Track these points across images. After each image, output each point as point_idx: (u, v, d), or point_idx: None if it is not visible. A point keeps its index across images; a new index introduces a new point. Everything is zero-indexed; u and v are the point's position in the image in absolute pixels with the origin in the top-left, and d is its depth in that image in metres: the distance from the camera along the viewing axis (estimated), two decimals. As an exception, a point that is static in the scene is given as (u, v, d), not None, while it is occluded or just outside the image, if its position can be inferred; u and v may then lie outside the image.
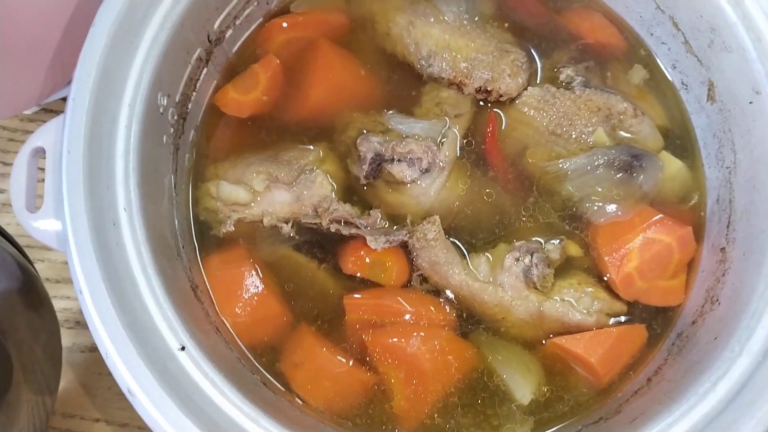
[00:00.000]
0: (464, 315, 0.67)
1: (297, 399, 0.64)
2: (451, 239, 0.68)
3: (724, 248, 0.66)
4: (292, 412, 0.62)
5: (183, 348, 0.54)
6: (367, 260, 0.67)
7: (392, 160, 0.67)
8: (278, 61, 0.72)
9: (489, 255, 0.68)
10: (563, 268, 0.68)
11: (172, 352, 0.54)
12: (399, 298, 0.66)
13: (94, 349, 0.79)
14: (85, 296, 0.52)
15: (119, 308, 0.52)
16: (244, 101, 0.72)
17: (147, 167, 0.60)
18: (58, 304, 0.68)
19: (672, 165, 0.71)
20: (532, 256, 0.66)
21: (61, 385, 0.71)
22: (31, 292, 0.65)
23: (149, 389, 0.51)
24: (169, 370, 0.53)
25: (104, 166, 0.57)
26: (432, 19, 0.72)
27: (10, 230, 0.67)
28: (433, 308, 0.67)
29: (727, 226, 0.67)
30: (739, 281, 0.61)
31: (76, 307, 0.80)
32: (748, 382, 0.54)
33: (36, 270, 0.68)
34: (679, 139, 0.73)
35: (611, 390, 0.66)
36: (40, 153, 0.59)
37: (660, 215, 0.67)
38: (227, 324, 0.65)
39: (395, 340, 0.64)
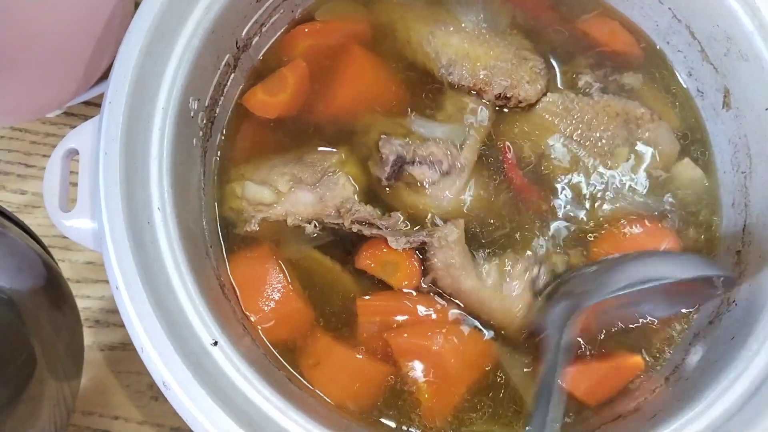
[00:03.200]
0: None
1: (320, 395, 0.65)
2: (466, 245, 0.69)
3: (739, 251, 0.67)
4: (318, 408, 0.63)
5: (215, 343, 0.55)
6: (382, 259, 0.68)
7: (413, 162, 0.68)
8: (306, 65, 0.74)
9: (498, 262, 0.68)
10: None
11: (205, 347, 0.55)
12: (411, 300, 0.67)
13: (113, 347, 0.79)
14: (122, 292, 0.53)
15: (154, 304, 0.54)
16: (271, 103, 0.73)
17: (178, 169, 0.61)
18: (78, 304, 0.69)
19: (692, 172, 0.72)
20: (539, 266, 0.67)
21: (81, 383, 0.72)
22: (55, 290, 0.66)
23: (184, 382, 0.52)
24: (203, 364, 0.54)
25: (139, 168, 0.58)
26: (451, 28, 0.74)
27: (34, 230, 0.68)
28: (442, 310, 0.67)
29: (743, 230, 0.68)
30: (755, 283, 0.62)
31: (96, 306, 0.81)
32: (767, 380, 0.55)
33: (60, 269, 0.69)
34: (695, 145, 0.74)
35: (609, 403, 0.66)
36: (73, 154, 0.61)
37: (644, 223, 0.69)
38: (252, 321, 0.66)
39: (417, 338, 0.65)
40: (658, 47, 0.77)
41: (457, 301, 0.68)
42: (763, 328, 0.57)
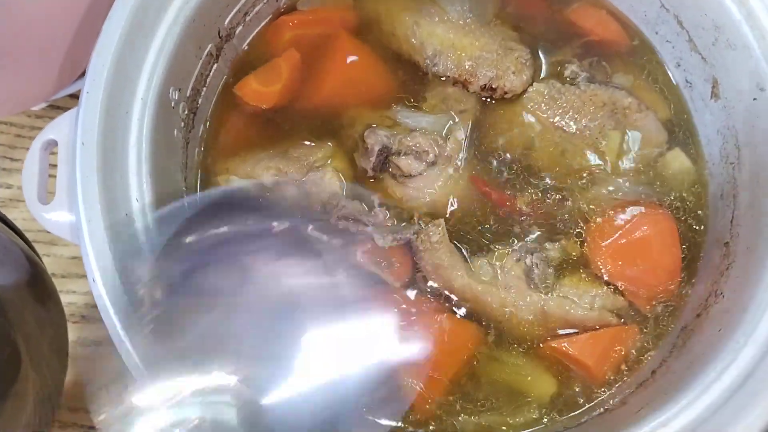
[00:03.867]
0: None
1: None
2: (454, 242, 0.68)
3: (727, 242, 0.67)
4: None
5: (196, 337, 0.54)
6: (372, 255, 0.67)
7: (399, 152, 0.68)
8: (299, 55, 0.73)
9: (490, 256, 0.68)
10: (564, 266, 0.69)
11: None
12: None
13: (99, 343, 0.79)
14: (99, 285, 0.52)
15: (132, 297, 0.53)
16: (265, 92, 0.72)
17: (158, 160, 0.60)
18: (63, 299, 0.68)
19: (682, 162, 0.72)
20: (532, 255, 0.67)
21: (66, 379, 0.71)
22: (39, 285, 0.65)
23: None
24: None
25: (117, 158, 0.57)
26: (436, 19, 0.73)
27: (17, 225, 0.68)
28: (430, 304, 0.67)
29: (731, 221, 0.67)
30: (743, 274, 0.62)
31: (82, 302, 0.80)
32: (754, 372, 0.54)
33: (43, 264, 0.68)
34: (683, 135, 0.74)
35: (609, 386, 0.66)
36: (52, 146, 0.60)
37: (641, 208, 0.69)
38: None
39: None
40: (646, 37, 0.77)
41: (452, 298, 0.67)
42: (750, 321, 0.57)
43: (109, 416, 0.50)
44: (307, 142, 0.71)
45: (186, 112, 0.67)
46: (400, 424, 0.64)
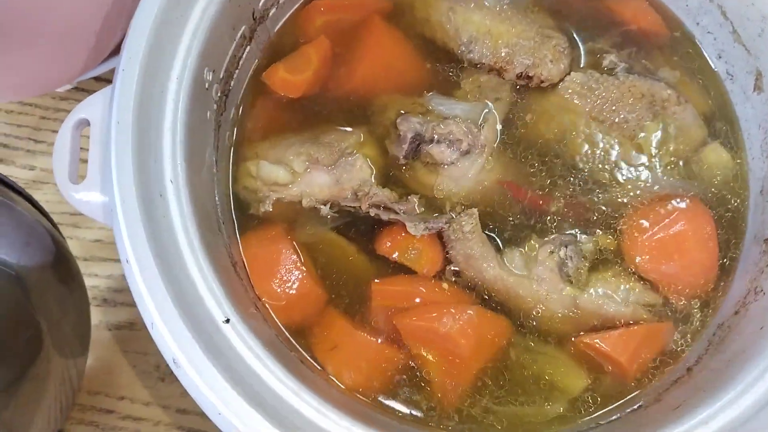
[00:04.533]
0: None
1: (333, 379, 0.64)
2: (486, 232, 0.67)
3: (767, 239, 0.66)
4: (330, 390, 0.62)
5: (227, 320, 0.54)
6: (403, 245, 0.67)
7: (432, 140, 0.67)
8: (329, 43, 0.72)
9: (522, 248, 0.67)
10: (598, 260, 0.68)
11: (216, 324, 0.53)
12: (427, 287, 0.66)
13: (120, 327, 0.78)
14: (133, 266, 0.52)
15: (165, 279, 0.52)
16: (293, 81, 0.71)
17: (192, 142, 0.59)
18: (85, 282, 0.68)
19: (720, 156, 0.71)
20: (566, 248, 0.66)
21: (87, 362, 0.71)
22: (63, 267, 0.65)
23: (195, 359, 0.50)
24: (214, 341, 0.52)
25: (152, 139, 0.56)
26: (472, 5, 0.72)
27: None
28: (459, 294, 0.66)
29: (773, 217, 0.66)
30: (785, 271, 0.61)
31: (104, 285, 0.80)
32: (799, 370, 0.53)
33: (68, 245, 0.68)
34: (723, 130, 0.72)
35: (643, 383, 0.65)
36: (83, 125, 0.59)
37: (678, 203, 0.68)
38: (264, 302, 0.65)
39: (425, 321, 0.64)
40: (687, 28, 0.76)
41: (482, 289, 0.67)
42: (794, 318, 0.56)
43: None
44: (338, 128, 0.70)
45: (219, 94, 0.66)
46: (423, 415, 0.64)
